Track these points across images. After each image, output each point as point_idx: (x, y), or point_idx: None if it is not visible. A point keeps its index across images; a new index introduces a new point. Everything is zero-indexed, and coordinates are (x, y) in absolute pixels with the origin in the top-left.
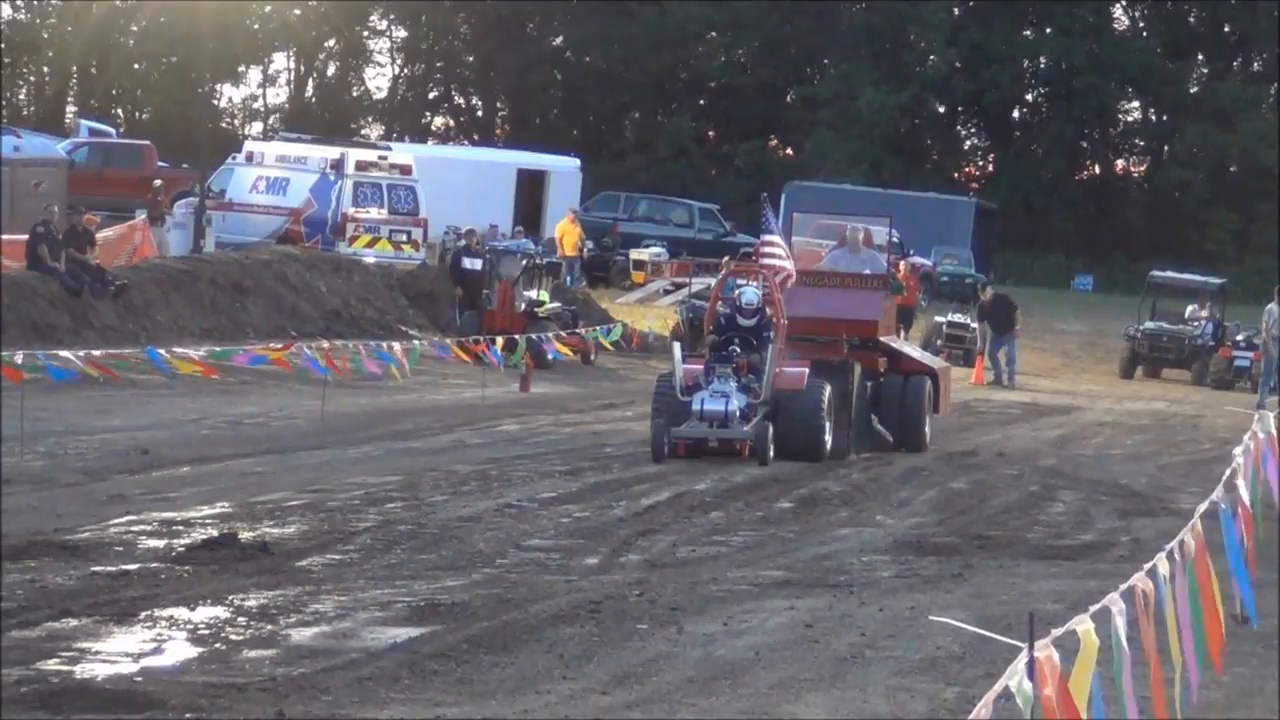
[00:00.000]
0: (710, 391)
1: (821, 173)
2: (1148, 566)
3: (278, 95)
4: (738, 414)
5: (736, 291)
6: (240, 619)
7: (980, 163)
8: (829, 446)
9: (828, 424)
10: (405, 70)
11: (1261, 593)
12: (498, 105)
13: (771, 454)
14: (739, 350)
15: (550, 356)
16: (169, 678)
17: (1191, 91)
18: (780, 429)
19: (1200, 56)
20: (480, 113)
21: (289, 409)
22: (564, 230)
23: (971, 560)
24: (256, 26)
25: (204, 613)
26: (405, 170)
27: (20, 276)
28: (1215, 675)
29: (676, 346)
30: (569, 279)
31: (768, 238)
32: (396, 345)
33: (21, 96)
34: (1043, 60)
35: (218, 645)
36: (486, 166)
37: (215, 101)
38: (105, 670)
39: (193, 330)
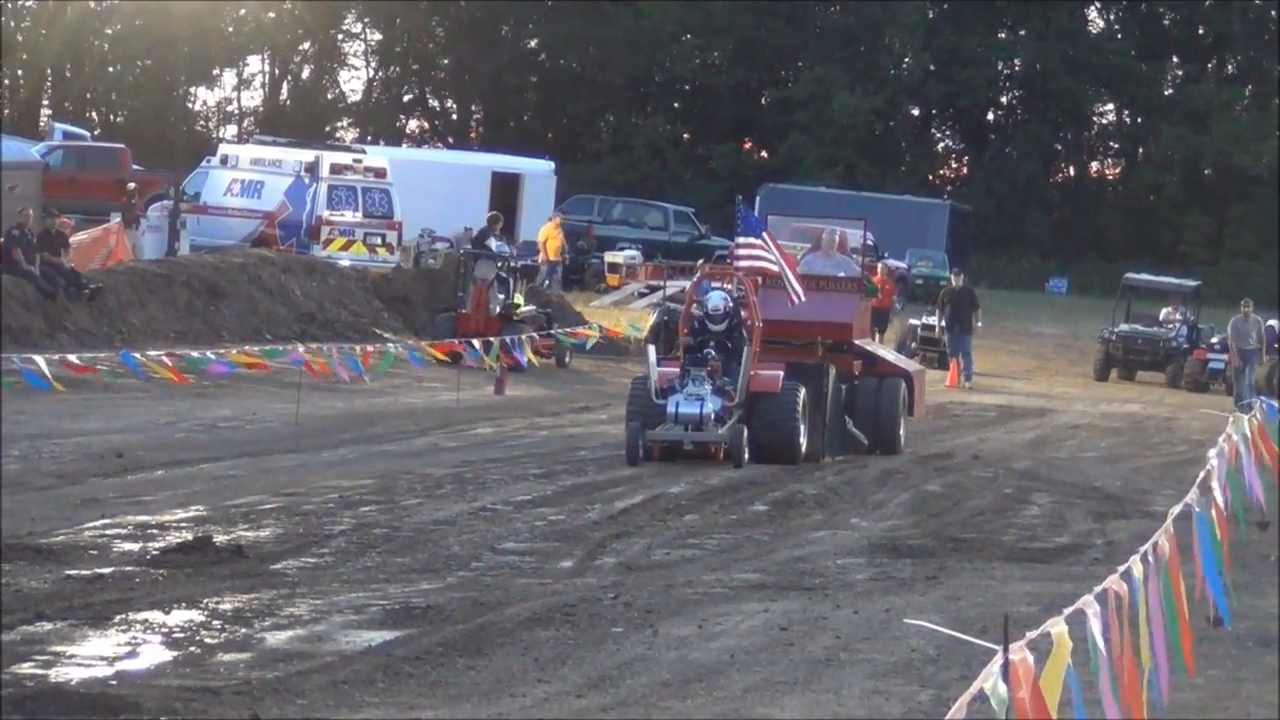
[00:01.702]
0: (685, 394)
1: (796, 175)
2: (1122, 569)
3: (252, 98)
4: (712, 417)
5: (705, 296)
6: (215, 622)
7: (955, 165)
8: (804, 449)
9: (802, 427)
10: (380, 73)
11: (1237, 594)
12: (472, 108)
13: (746, 457)
14: (714, 353)
15: (523, 363)
16: (143, 681)
17: (1166, 94)
18: (755, 432)
19: (1175, 59)
20: (455, 115)
21: (263, 412)
22: (548, 235)
23: (946, 563)
24: (231, 29)
25: (178, 616)
26: (380, 173)
27: None
28: (1189, 677)
29: (651, 349)
30: (548, 283)
31: (745, 240)
32: (371, 349)
33: None
34: (1017, 63)
35: (192, 649)
36: (461, 169)
37: (190, 104)
38: (79, 674)
39: (167, 333)
